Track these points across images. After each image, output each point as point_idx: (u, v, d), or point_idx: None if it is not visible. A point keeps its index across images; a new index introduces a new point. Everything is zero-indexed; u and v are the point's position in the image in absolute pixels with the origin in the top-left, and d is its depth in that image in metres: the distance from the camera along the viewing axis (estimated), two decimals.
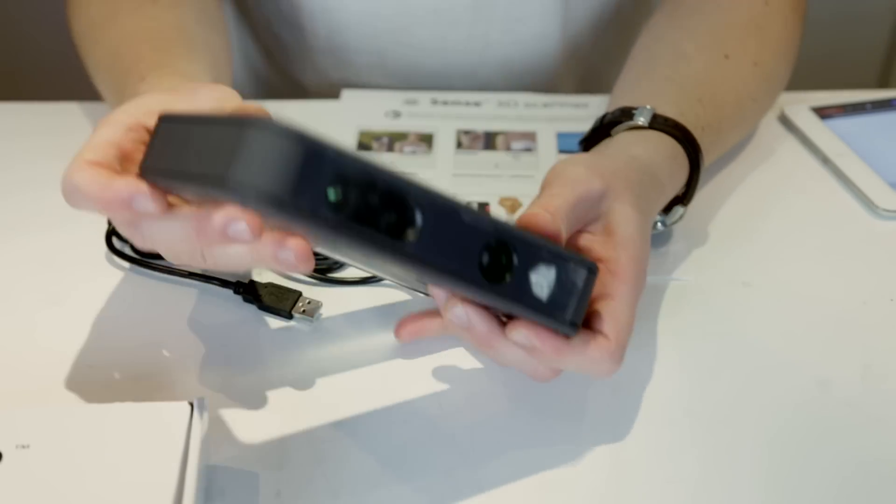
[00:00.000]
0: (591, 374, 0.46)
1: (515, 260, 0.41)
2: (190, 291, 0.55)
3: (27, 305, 0.55)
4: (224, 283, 0.55)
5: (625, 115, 0.56)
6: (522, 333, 0.43)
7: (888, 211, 0.62)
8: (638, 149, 0.54)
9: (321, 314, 0.54)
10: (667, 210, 0.57)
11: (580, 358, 0.44)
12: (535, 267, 0.41)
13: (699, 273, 0.58)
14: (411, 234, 0.38)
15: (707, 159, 0.57)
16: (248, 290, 0.54)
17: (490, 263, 0.40)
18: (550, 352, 0.43)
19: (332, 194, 0.36)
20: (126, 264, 0.57)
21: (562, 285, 0.42)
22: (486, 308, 0.43)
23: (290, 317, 0.53)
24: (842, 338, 0.54)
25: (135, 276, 0.56)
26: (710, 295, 0.56)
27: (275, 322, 0.54)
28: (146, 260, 0.57)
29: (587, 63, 0.83)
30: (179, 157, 0.41)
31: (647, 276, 0.48)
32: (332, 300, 0.54)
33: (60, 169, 0.65)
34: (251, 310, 0.54)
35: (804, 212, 0.63)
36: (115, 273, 0.57)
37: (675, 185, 0.55)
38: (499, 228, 0.40)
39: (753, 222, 0.62)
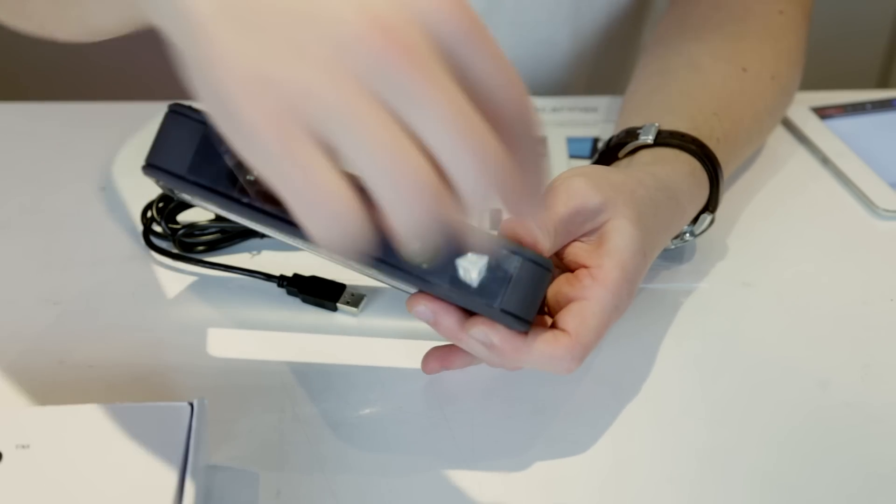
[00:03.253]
0: (551, 371, 0.45)
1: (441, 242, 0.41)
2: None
3: (27, 305, 0.55)
4: (268, 276, 0.55)
5: (630, 135, 0.55)
6: (481, 330, 0.43)
7: (888, 211, 0.62)
8: (657, 168, 0.53)
9: (364, 306, 0.55)
10: (694, 220, 0.55)
11: (537, 356, 0.44)
12: (463, 253, 0.41)
13: (699, 273, 0.57)
14: None
15: (725, 171, 0.55)
16: (293, 283, 0.55)
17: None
18: (509, 350, 0.43)
19: (229, 168, 0.40)
20: (166, 261, 0.57)
21: (493, 274, 0.42)
22: (453, 305, 0.44)
23: (335, 308, 0.54)
24: (842, 338, 0.54)
25: (136, 276, 0.56)
26: (710, 295, 0.56)
27: (289, 317, 0.54)
28: (189, 256, 0.57)
29: (597, 66, 0.82)
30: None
31: (635, 291, 0.47)
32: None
33: (60, 168, 0.65)
34: (254, 305, 0.54)
35: (804, 212, 0.63)
36: (115, 272, 0.57)
37: (696, 203, 0.54)
38: None
39: (753, 222, 0.62)
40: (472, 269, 0.42)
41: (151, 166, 0.41)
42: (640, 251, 0.47)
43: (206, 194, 0.40)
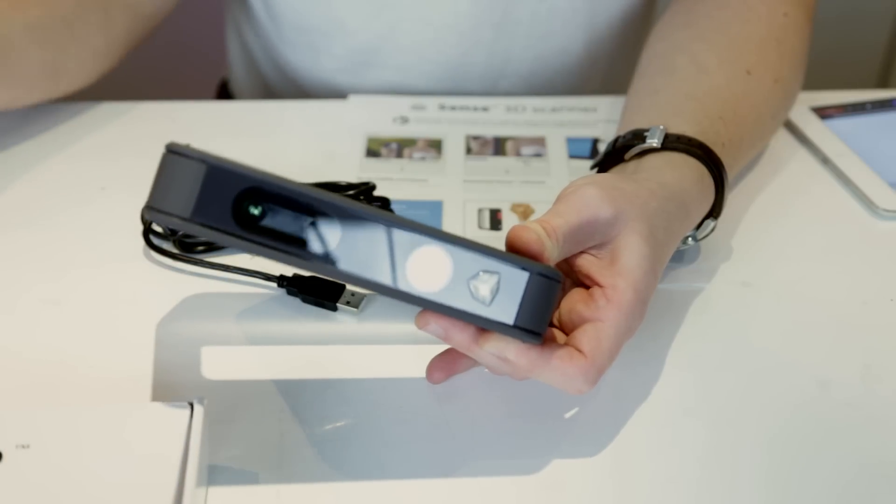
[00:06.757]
0: (563, 388, 0.45)
1: (451, 265, 0.41)
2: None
3: (27, 305, 0.55)
4: (267, 276, 0.56)
5: (637, 137, 0.55)
6: (496, 346, 0.43)
7: (888, 211, 0.62)
8: (667, 175, 0.52)
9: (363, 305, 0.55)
10: (697, 225, 0.55)
11: (551, 371, 0.44)
12: (474, 273, 0.41)
13: (699, 273, 0.58)
14: (326, 243, 0.40)
15: (729, 176, 0.55)
16: (293, 283, 0.55)
17: (421, 270, 0.41)
18: (524, 364, 0.43)
19: (237, 207, 0.39)
20: (164, 260, 0.57)
21: (505, 291, 0.42)
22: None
23: (335, 308, 0.54)
24: (842, 338, 0.54)
25: (136, 276, 0.57)
26: (710, 295, 0.56)
27: (289, 318, 0.54)
28: (189, 256, 0.57)
29: (611, 69, 0.83)
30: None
31: (647, 309, 0.47)
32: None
33: (59, 168, 0.65)
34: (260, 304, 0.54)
35: (804, 212, 0.63)
36: (115, 272, 0.57)
37: (702, 210, 0.54)
38: (423, 234, 0.41)
39: (753, 222, 0.62)
40: (483, 287, 0.41)
41: (154, 209, 0.40)
42: (652, 270, 0.47)
43: (211, 233, 0.40)
